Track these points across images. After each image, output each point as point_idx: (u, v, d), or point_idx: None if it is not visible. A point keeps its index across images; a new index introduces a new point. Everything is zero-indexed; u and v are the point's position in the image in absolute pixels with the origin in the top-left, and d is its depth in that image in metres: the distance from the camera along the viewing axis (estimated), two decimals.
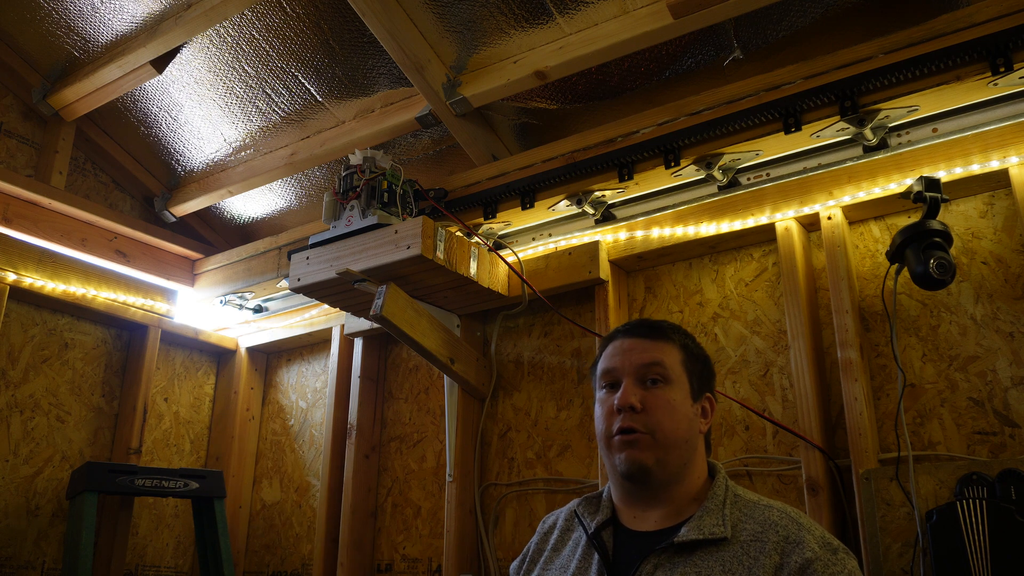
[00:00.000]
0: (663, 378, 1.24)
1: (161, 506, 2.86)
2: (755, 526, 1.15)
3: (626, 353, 1.27)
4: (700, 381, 1.29)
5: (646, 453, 1.19)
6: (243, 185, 2.93)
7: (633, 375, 1.25)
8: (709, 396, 1.30)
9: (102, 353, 2.80)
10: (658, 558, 1.14)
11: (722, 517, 1.16)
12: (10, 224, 2.60)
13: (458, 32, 2.29)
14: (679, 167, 2.03)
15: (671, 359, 1.26)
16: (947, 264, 1.63)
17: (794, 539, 1.11)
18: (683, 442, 1.22)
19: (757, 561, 1.09)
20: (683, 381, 1.26)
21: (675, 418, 1.21)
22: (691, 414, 1.24)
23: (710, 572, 1.10)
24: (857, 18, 1.92)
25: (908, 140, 1.82)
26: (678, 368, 1.26)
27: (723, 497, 1.20)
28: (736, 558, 1.11)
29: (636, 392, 1.22)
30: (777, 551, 1.10)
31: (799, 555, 1.08)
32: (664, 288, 2.25)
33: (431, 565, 2.45)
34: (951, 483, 1.59)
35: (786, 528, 1.13)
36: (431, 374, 2.65)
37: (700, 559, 1.12)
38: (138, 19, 2.54)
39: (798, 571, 1.07)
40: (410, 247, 2.03)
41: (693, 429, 1.24)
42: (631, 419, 1.21)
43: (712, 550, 1.12)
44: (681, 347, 1.29)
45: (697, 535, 1.13)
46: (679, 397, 1.24)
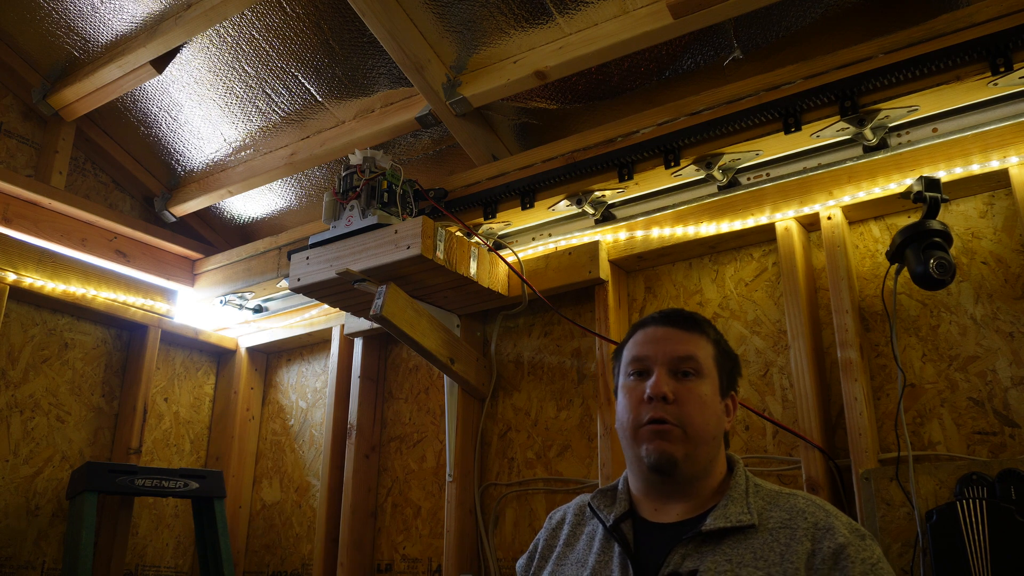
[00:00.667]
0: (696, 372, 1.22)
1: (161, 506, 2.86)
2: (782, 514, 1.14)
3: (660, 342, 1.24)
4: (729, 378, 1.28)
5: (676, 446, 1.17)
6: (243, 185, 2.93)
7: (666, 365, 1.22)
8: (733, 394, 1.29)
9: (102, 353, 2.80)
10: (685, 548, 1.13)
11: (747, 505, 1.15)
12: (10, 224, 2.60)
13: (458, 32, 2.29)
14: (679, 167, 2.03)
15: (704, 353, 1.24)
16: (947, 264, 1.63)
17: (824, 525, 1.10)
18: (711, 438, 1.20)
19: (789, 548, 1.08)
20: (714, 376, 1.24)
21: (706, 413, 1.20)
22: (719, 410, 1.23)
23: (740, 559, 1.09)
24: (857, 18, 1.92)
25: (908, 140, 1.82)
26: (710, 363, 1.24)
27: (745, 487, 1.19)
28: (766, 545, 1.10)
29: (669, 383, 1.20)
30: (808, 537, 1.09)
31: (831, 541, 1.08)
32: (664, 288, 2.25)
33: (431, 565, 2.45)
34: (951, 483, 1.59)
35: (814, 515, 1.12)
36: (431, 374, 2.65)
37: (729, 547, 1.10)
38: (138, 19, 2.54)
39: (832, 557, 1.06)
40: (410, 247, 2.03)
41: (720, 425, 1.23)
42: (663, 409, 1.18)
43: (740, 538, 1.11)
44: (714, 342, 1.27)
45: (724, 523, 1.12)
46: (710, 392, 1.22)
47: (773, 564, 1.07)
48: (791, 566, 1.06)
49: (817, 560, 1.07)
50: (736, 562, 1.08)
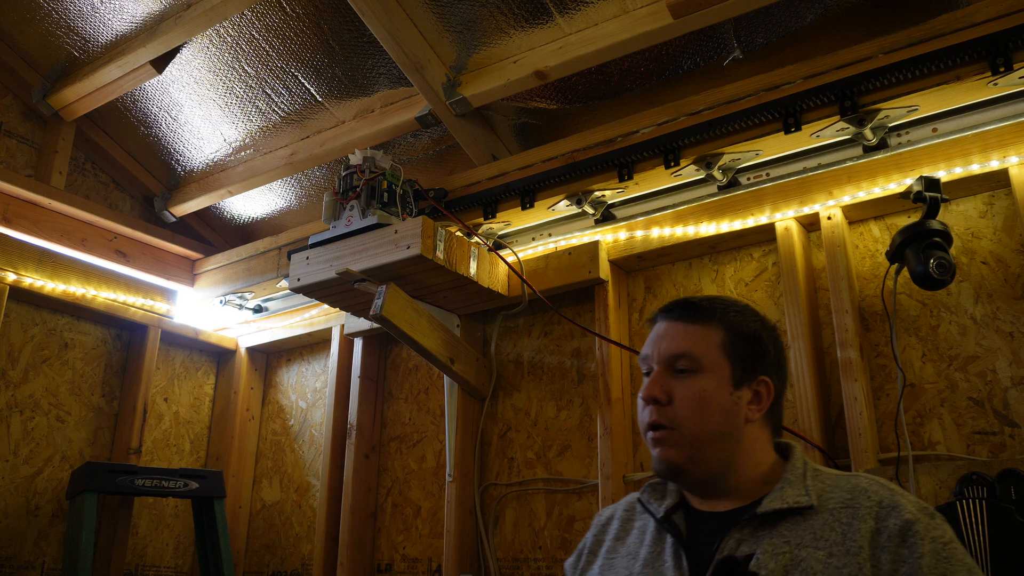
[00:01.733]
0: (693, 368, 1.14)
1: (161, 506, 2.86)
2: (843, 494, 1.07)
3: (659, 339, 1.19)
4: (747, 364, 1.16)
5: (675, 451, 1.12)
6: (243, 185, 2.93)
7: (663, 364, 1.16)
8: (764, 379, 1.17)
9: (102, 353, 2.80)
10: (740, 532, 1.07)
11: (804, 488, 1.08)
12: (10, 224, 2.60)
13: (458, 32, 2.29)
14: (679, 167, 2.03)
15: (706, 344, 1.15)
16: (947, 264, 1.63)
17: (889, 503, 1.03)
18: (719, 435, 1.12)
19: (851, 527, 1.02)
20: (721, 367, 1.14)
21: (706, 411, 1.12)
22: (729, 404, 1.13)
23: (800, 540, 1.03)
24: (857, 18, 1.92)
25: (908, 140, 1.82)
26: (714, 353, 1.15)
27: (802, 471, 1.12)
28: (827, 525, 1.04)
29: (664, 383, 1.14)
30: (872, 516, 1.03)
31: (897, 517, 1.01)
32: (664, 288, 2.25)
33: (431, 565, 2.45)
34: (951, 483, 1.59)
35: (878, 493, 1.05)
36: (431, 374, 2.65)
37: (787, 529, 1.05)
38: (138, 19, 2.54)
39: (899, 534, 1.00)
40: (410, 247, 2.03)
41: (733, 420, 1.13)
42: (657, 413, 1.13)
43: (798, 520, 1.05)
44: (724, 327, 1.17)
45: (780, 504, 1.06)
46: (712, 386, 1.13)
47: (834, 544, 1.01)
48: (854, 544, 1.00)
49: (883, 538, 1.00)
50: (795, 543, 1.03)
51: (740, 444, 1.14)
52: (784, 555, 1.02)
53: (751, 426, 1.15)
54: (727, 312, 1.19)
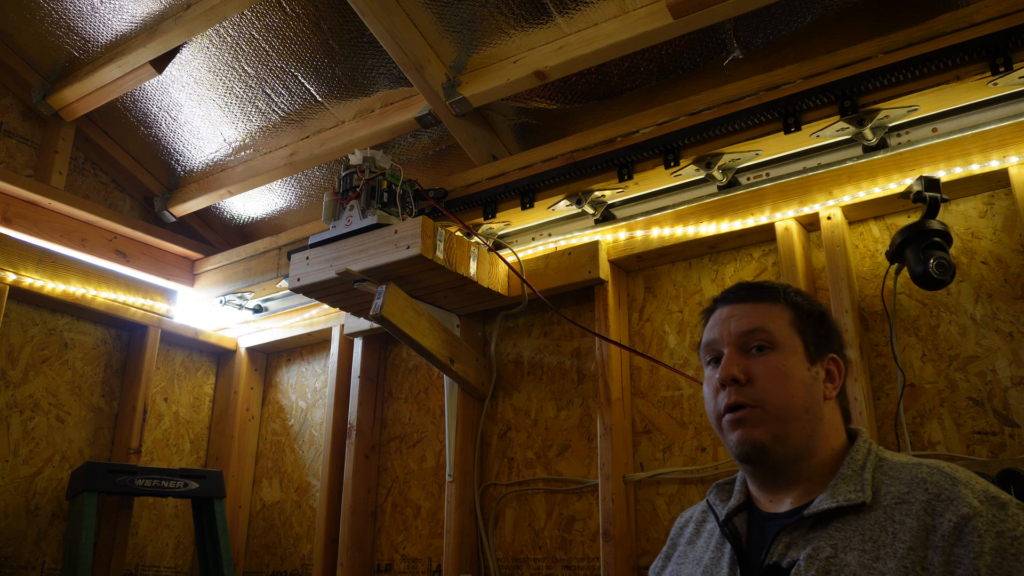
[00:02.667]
0: (769, 343, 1.10)
1: (161, 506, 2.86)
2: (901, 487, 0.98)
3: (725, 322, 1.14)
4: (818, 340, 1.12)
5: (759, 429, 1.06)
6: (243, 185, 2.93)
7: (735, 344, 1.11)
8: (834, 357, 1.13)
9: (102, 353, 2.80)
10: (790, 536, 1.01)
11: (860, 482, 1.01)
12: (10, 224, 2.60)
13: (458, 32, 2.29)
14: (679, 167, 2.03)
15: (777, 321, 1.12)
16: (947, 264, 1.63)
17: (947, 495, 0.93)
18: (803, 411, 1.06)
19: (903, 525, 0.93)
20: (795, 343, 1.10)
21: (789, 385, 1.07)
22: (808, 379, 1.08)
23: (847, 543, 0.95)
24: (857, 18, 1.92)
25: (908, 140, 1.82)
26: (786, 330, 1.11)
27: (863, 461, 1.04)
28: (878, 524, 0.95)
29: (739, 362, 1.09)
30: (926, 511, 0.93)
31: (953, 512, 0.91)
32: (664, 288, 2.25)
33: (431, 565, 2.45)
34: None
35: (937, 484, 0.95)
36: (431, 374, 2.65)
37: (836, 530, 0.98)
38: (138, 19, 2.54)
39: (953, 532, 0.89)
40: (410, 247, 2.03)
41: (814, 396, 1.08)
42: (737, 393, 1.08)
43: (850, 518, 0.98)
44: (789, 305, 1.14)
45: (830, 504, 0.99)
46: (792, 362, 1.09)
47: (883, 546, 0.93)
48: (903, 546, 0.91)
49: (937, 537, 0.90)
50: (842, 547, 0.95)
51: (821, 422, 1.08)
52: (827, 560, 0.95)
53: (828, 404, 1.10)
54: (788, 291, 1.17)
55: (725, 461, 1.98)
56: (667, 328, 2.20)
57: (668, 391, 2.14)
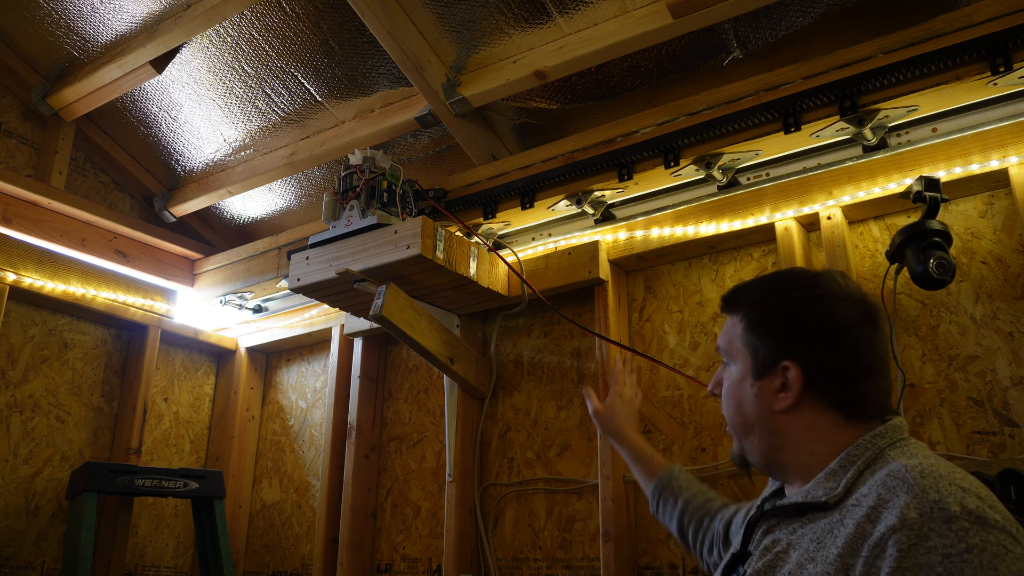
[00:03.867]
0: (727, 360, 1.13)
1: (161, 506, 2.86)
2: (866, 488, 0.93)
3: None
4: (767, 351, 1.06)
5: (733, 443, 1.12)
6: (243, 185, 2.93)
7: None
8: (786, 364, 1.04)
9: (102, 353, 2.80)
10: (768, 523, 1.04)
11: (836, 481, 0.97)
12: (10, 224, 2.60)
13: (458, 32, 2.29)
14: (679, 167, 2.03)
15: (731, 335, 1.12)
16: (947, 264, 1.63)
17: (890, 503, 0.86)
18: (751, 427, 1.06)
19: (845, 528, 0.89)
20: (744, 358, 1.09)
21: (733, 403, 1.10)
22: (750, 394, 1.06)
23: (800, 539, 0.96)
24: (857, 18, 1.92)
25: (908, 140, 1.82)
26: (737, 345, 1.10)
27: (852, 460, 0.98)
28: (830, 525, 0.92)
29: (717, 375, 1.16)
30: (869, 518, 0.87)
31: (885, 522, 0.85)
32: (664, 288, 2.25)
33: (431, 565, 2.45)
34: None
35: (891, 489, 0.88)
36: (431, 374, 2.65)
37: (801, 524, 0.98)
38: (137, 19, 2.54)
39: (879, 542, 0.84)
40: (410, 247, 2.03)
41: (762, 410, 1.05)
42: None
43: (817, 515, 0.96)
44: (746, 315, 1.10)
45: (798, 499, 0.99)
46: (736, 378, 1.10)
47: (824, 547, 0.90)
48: (835, 551, 0.88)
49: (865, 547, 0.85)
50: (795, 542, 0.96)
51: (781, 436, 1.04)
52: (776, 554, 0.97)
53: (792, 415, 1.03)
54: (754, 297, 1.12)
55: (725, 461, 1.98)
56: (667, 328, 2.20)
57: (668, 391, 2.14)
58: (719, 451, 2.00)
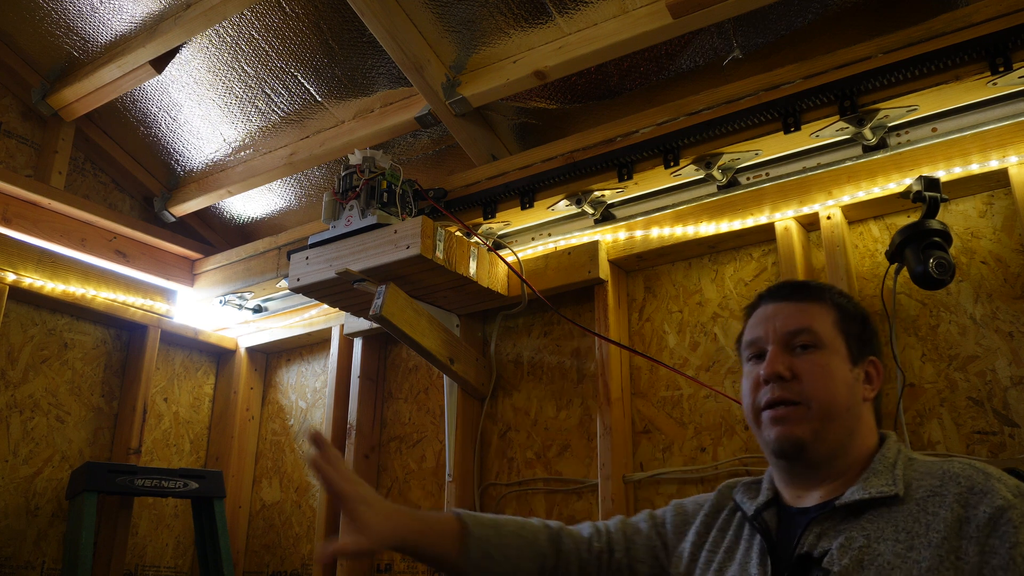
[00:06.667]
0: (814, 343, 1.12)
1: (161, 506, 2.86)
2: (933, 481, 1.01)
3: (771, 319, 1.17)
4: (860, 343, 1.15)
5: (801, 426, 1.08)
6: (242, 185, 2.93)
7: (780, 342, 1.14)
8: (874, 360, 1.17)
9: (102, 353, 2.80)
10: (821, 526, 1.04)
11: (892, 476, 1.03)
12: (9, 224, 2.60)
13: (457, 32, 2.29)
14: (678, 167, 2.03)
15: (822, 321, 1.14)
16: (946, 264, 1.63)
17: (980, 488, 0.96)
18: (844, 411, 1.09)
19: (937, 516, 0.96)
20: (839, 344, 1.13)
21: (832, 384, 1.10)
22: (851, 379, 1.12)
23: (880, 533, 0.98)
24: (856, 18, 1.92)
25: (907, 140, 1.82)
26: (831, 330, 1.13)
27: (894, 459, 1.07)
28: (911, 516, 0.98)
29: (784, 359, 1.11)
30: (960, 503, 0.96)
31: (988, 504, 0.94)
32: (664, 288, 2.25)
33: None
34: None
35: (970, 478, 0.98)
36: (431, 374, 2.65)
37: (868, 521, 1.00)
38: (137, 19, 2.54)
39: (988, 523, 0.93)
40: (409, 247, 2.03)
41: (855, 396, 1.11)
42: (781, 389, 1.10)
43: (882, 511, 1.00)
44: (834, 306, 1.16)
45: (862, 495, 1.02)
46: (836, 361, 1.12)
47: (917, 536, 0.96)
48: (937, 535, 0.94)
49: (971, 527, 0.93)
50: (875, 536, 0.98)
51: (858, 422, 1.12)
52: (860, 549, 0.98)
53: (865, 406, 1.14)
54: (834, 293, 1.20)
55: (724, 461, 1.98)
56: (667, 328, 2.20)
57: (668, 391, 2.14)
58: (719, 451, 2.00)
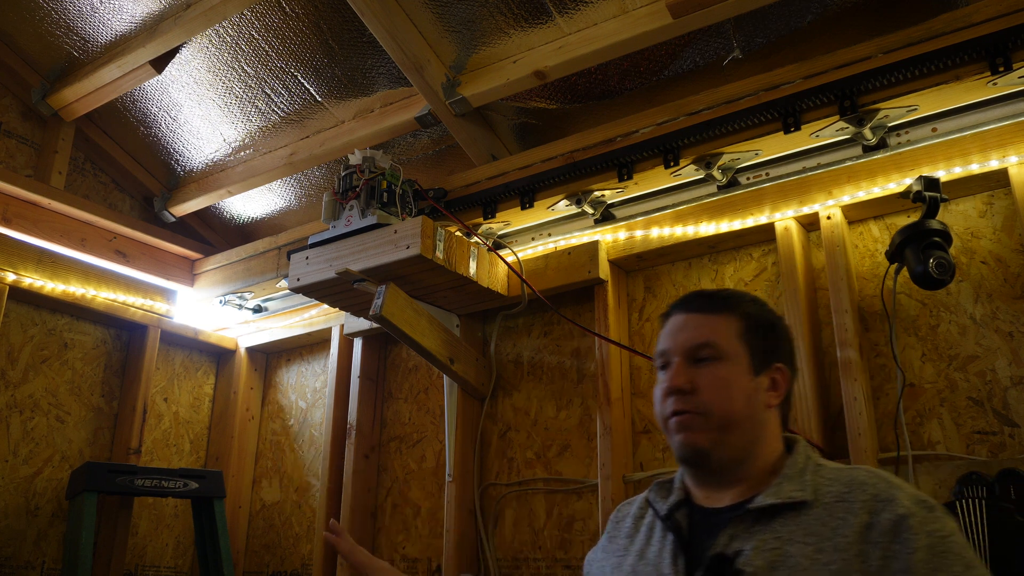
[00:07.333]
0: (714, 356, 1.16)
1: (161, 506, 2.86)
2: (840, 487, 1.06)
3: (678, 332, 1.21)
4: (765, 352, 1.19)
5: (700, 435, 1.13)
6: (242, 185, 2.93)
7: (684, 354, 1.18)
8: (780, 367, 1.19)
9: (102, 353, 2.80)
10: (735, 528, 1.08)
11: (803, 482, 1.08)
12: (10, 224, 2.60)
13: (457, 32, 2.29)
14: (678, 167, 2.03)
15: (726, 333, 1.18)
16: (946, 264, 1.63)
17: (885, 496, 1.01)
18: (744, 419, 1.14)
19: (844, 521, 1.01)
20: (741, 354, 1.17)
21: (730, 395, 1.14)
22: (751, 389, 1.15)
23: (791, 536, 1.03)
24: (856, 18, 1.92)
25: (907, 140, 1.82)
26: (734, 341, 1.17)
27: (803, 465, 1.12)
28: (819, 520, 1.03)
29: (686, 372, 1.16)
30: (866, 510, 1.01)
31: (891, 511, 0.99)
32: (664, 288, 2.25)
33: (431, 565, 2.45)
34: (950, 483, 1.59)
35: (875, 486, 1.04)
36: (431, 374, 2.65)
37: (780, 525, 1.05)
38: (137, 19, 2.54)
39: (891, 529, 0.98)
40: (409, 247, 2.03)
41: (755, 404, 1.15)
42: (682, 401, 1.15)
43: (792, 515, 1.05)
44: (741, 316, 1.20)
45: (775, 499, 1.07)
46: (736, 372, 1.15)
47: (825, 539, 1.01)
48: (843, 539, 1.00)
49: (875, 533, 0.99)
50: (786, 539, 1.03)
51: (762, 429, 1.15)
52: (773, 551, 1.02)
53: (769, 412, 1.17)
54: (743, 302, 1.23)
55: None
56: None
57: None
58: None
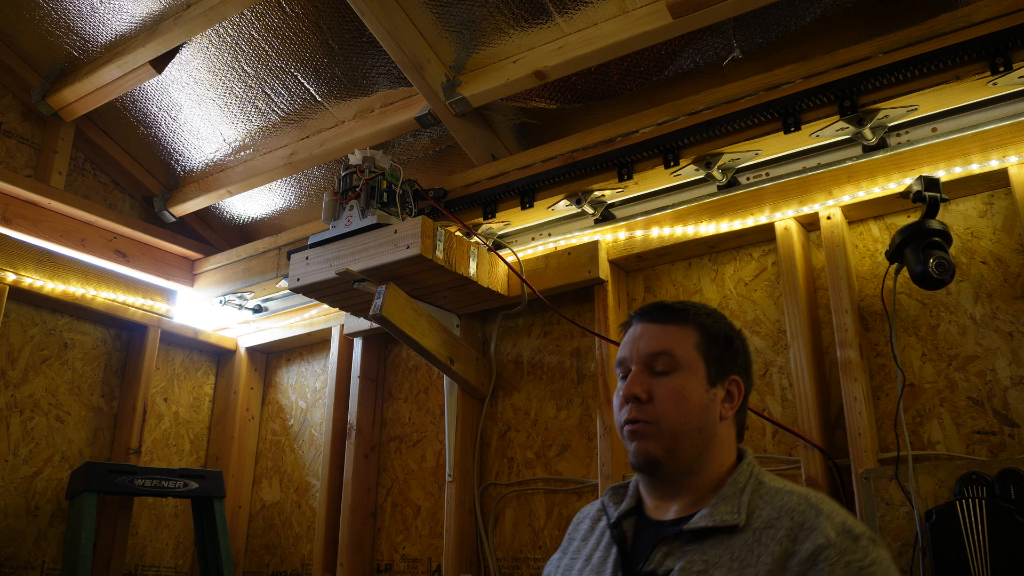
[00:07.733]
0: (670, 367, 1.18)
1: (161, 506, 2.86)
2: (771, 512, 1.09)
3: (636, 340, 1.23)
4: (721, 364, 1.21)
5: (652, 443, 1.15)
6: (242, 185, 2.93)
7: (642, 363, 1.20)
8: (735, 379, 1.22)
9: (102, 353, 2.80)
10: (669, 546, 1.11)
11: (738, 504, 1.11)
12: (10, 224, 2.60)
13: (457, 32, 2.29)
14: (678, 167, 2.03)
15: (683, 344, 1.20)
16: (946, 264, 1.63)
17: (809, 525, 1.03)
18: (695, 431, 1.16)
19: (767, 549, 1.03)
20: (697, 366, 1.19)
21: (683, 406, 1.16)
22: (705, 400, 1.18)
23: (718, 560, 1.05)
24: (856, 18, 1.92)
25: (907, 140, 1.82)
26: (691, 352, 1.20)
27: (744, 483, 1.14)
28: (746, 545, 1.05)
29: (643, 381, 1.18)
30: (789, 538, 1.03)
31: (811, 542, 1.01)
32: (664, 288, 2.25)
33: (431, 565, 2.45)
34: (950, 483, 1.59)
35: (802, 514, 1.06)
36: (431, 374, 2.65)
37: (710, 546, 1.07)
38: (137, 19, 2.54)
39: (808, 559, 1.00)
40: (409, 247, 2.03)
41: (709, 416, 1.18)
42: (637, 410, 1.17)
43: (723, 538, 1.08)
44: (698, 328, 1.22)
45: (708, 522, 1.09)
46: (691, 384, 1.18)
47: (748, 565, 1.03)
48: (764, 567, 1.02)
49: (794, 562, 1.01)
50: (712, 562, 1.05)
51: (712, 440, 1.18)
52: (698, 573, 1.05)
53: (723, 424, 1.20)
54: (700, 314, 1.25)
55: None
56: None
57: None
58: None
